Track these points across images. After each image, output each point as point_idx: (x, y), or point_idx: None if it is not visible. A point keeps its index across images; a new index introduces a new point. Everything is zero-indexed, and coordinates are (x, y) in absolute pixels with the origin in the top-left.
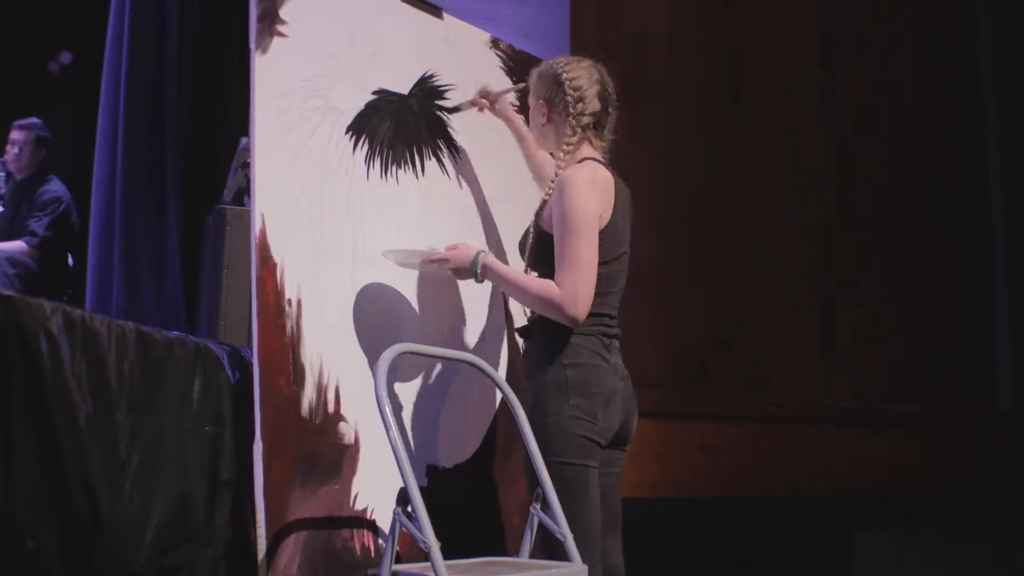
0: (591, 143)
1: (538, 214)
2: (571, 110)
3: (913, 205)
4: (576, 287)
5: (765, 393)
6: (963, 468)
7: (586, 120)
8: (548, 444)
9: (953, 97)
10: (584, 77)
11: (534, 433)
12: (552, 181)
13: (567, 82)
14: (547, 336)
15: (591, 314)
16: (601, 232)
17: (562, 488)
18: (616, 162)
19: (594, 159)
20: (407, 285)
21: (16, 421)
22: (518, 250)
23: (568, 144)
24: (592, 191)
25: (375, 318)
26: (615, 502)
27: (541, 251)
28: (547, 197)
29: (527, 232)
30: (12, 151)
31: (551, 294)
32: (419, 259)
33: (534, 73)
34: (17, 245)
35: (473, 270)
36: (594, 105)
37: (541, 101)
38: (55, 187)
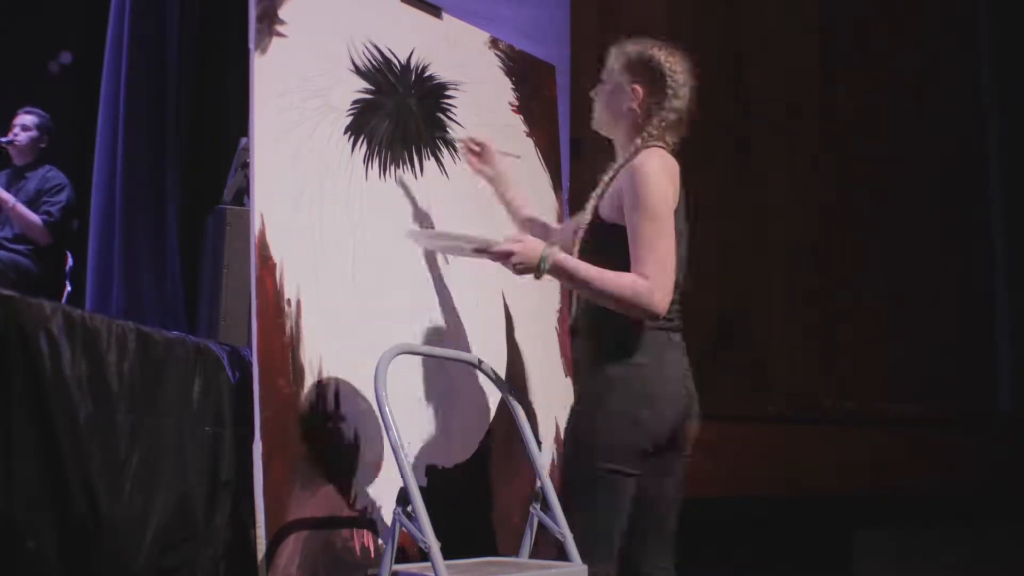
0: (667, 140)
1: (597, 203)
2: (667, 104)
3: (913, 205)
4: (662, 279)
5: (765, 393)
6: (963, 468)
7: (674, 117)
8: (596, 452)
9: (953, 97)
10: (683, 72)
11: (579, 432)
12: (615, 168)
13: (670, 75)
14: (609, 333)
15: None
16: None
17: (593, 493)
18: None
19: (661, 147)
20: (407, 285)
21: (16, 421)
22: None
23: (650, 135)
24: (669, 179)
25: (375, 318)
26: (663, 509)
27: (603, 242)
28: (606, 186)
29: (575, 224)
30: (14, 132)
31: (636, 288)
32: (467, 245)
33: (623, 52)
34: (34, 218)
35: (541, 266)
36: (686, 103)
37: (635, 86)
38: (58, 174)
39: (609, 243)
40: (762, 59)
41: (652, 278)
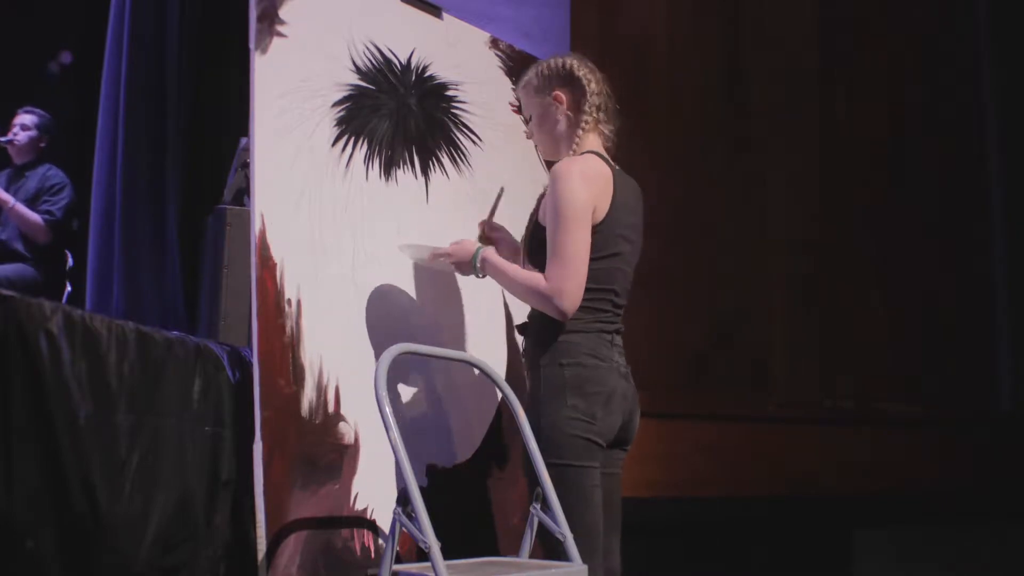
0: (600, 135)
1: (535, 209)
2: (589, 94)
3: (913, 205)
4: (563, 279)
5: (765, 393)
6: (963, 468)
7: (596, 114)
8: (547, 446)
9: (953, 97)
10: (583, 63)
11: (533, 434)
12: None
13: (576, 70)
14: (544, 334)
15: (590, 309)
16: (597, 225)
17: (563, 490)
18: (618, 160)
19: (595, 152)
20: (407, 285)
21: (16, 421)
22: (522, 248)
23: (584, 130)
24: (584, 183)
25: (375, 318)
26: (616, 503)
27: (537, 245)
28: (544, 191)
29: (527, 228)
30: (14, 131)
31: (539, 286)
32: (426, 253)
33: (527, 82)
34: (35, 217)
35: (473, 264)
36: (602, 96)
37: (556, 93)
38: (58, 173)
39: (543, 247)
40: (762, 59)
41: (552, 279)
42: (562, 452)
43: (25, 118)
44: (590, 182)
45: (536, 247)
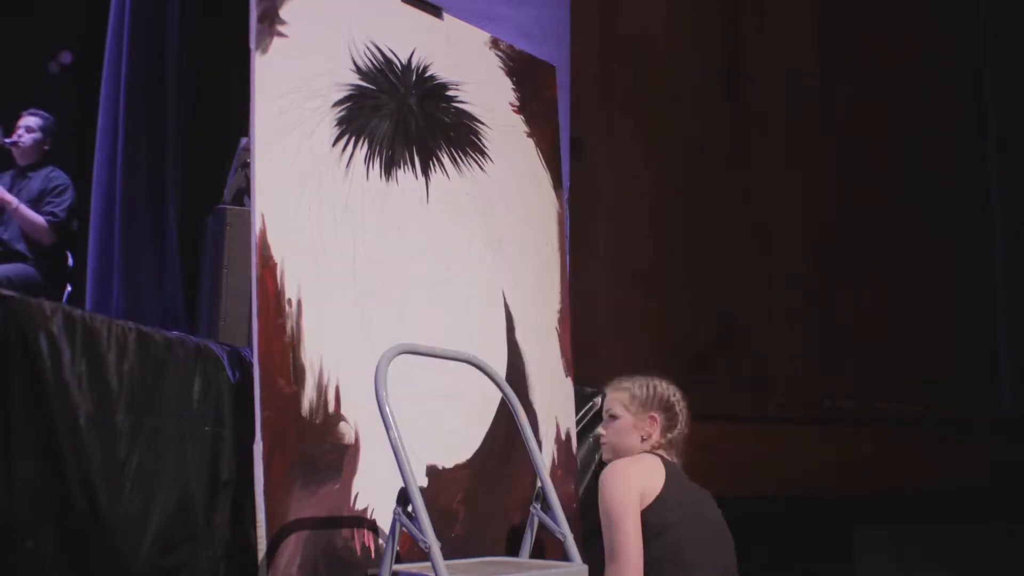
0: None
1: None
2: (677, 427)
3: (913, 205)
4: (618, 573)
5: (765, 393)
6: (963, 468)
7: (679, 436)
8: None
9: (953, 97)
10: (682, 399)
11: None
12: None
13: (677, 403)
14: None
15: None
16: (646, 510)
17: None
18: (619, 159)
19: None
20: (407, 284)
21: (16, 421)
22: None
23: (654, 450)
24: (624, 478)
25: (375, 318)
26: None
27: None
28: None
29: None
30: (18, 133)
31: None
32: None
33: (629, 391)
34: (38, 219)
35: None
36: (687, 421)
37: (653, 415)
38: (61, 174)
39: None
40: (762, 59)
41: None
42: None
43: (29, 120)
44: (630, 470)
45: None
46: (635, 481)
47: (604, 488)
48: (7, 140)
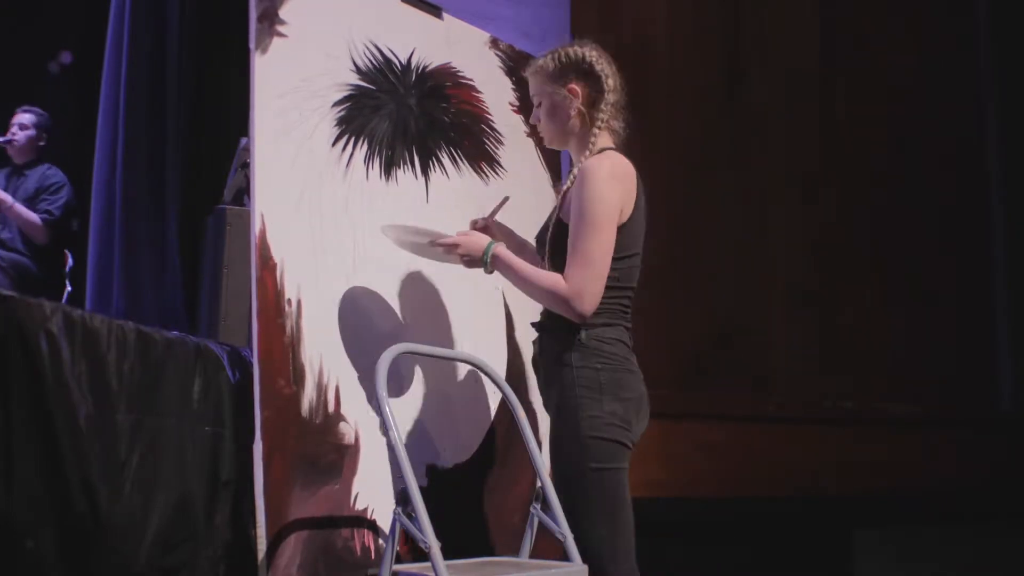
0: (613, 133)
1: (558, 206)
2: (606, 90)
3: (913, 205)
4: (585, 282)
5: (765, 393)
6: (963, 468)
7: (614, 98)
8: (584, 450)
9: (953, 97)
10: (607, 63)
11: (564, 436)
12: (573, 172)
13: (596, 63)
14: (571, 332)
15: (615, 310)
16: (621, 227)
17: (600, 494)
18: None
19: (614, 149)
20: (407, 284)
21: (16, 421)
22: (535, 245)
23: (600, 128)
24: (613, 184)
25: (375, 318)
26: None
27: (559, 244)
28: (568, 188)
29: (545, 225)
30: (13, 131)
31: (557, 288)
32: (425, 239)
33: (542, 67)
34: (33, 216)
35: (483, 259)
36: (618, 93)
37: (572, 86)
38: (57, 172)
39: (565, 245)
40: (762, 59)
41: (573, 281)
42: (603, 456)
43: (24, 117)
44: (620, 181)
45: (558, 246)
46: (624, 193)
47: (594, 184)
48: (2, 138)
